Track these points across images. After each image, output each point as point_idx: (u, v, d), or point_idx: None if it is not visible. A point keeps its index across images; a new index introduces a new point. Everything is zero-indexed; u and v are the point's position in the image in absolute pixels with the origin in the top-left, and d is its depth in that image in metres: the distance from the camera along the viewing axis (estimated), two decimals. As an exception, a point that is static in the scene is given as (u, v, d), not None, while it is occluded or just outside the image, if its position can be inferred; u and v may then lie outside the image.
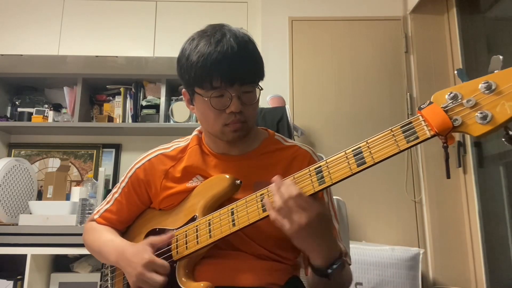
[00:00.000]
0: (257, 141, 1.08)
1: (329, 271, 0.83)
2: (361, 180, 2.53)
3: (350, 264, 1.03)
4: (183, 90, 1.04)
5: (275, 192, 0.81)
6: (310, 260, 0.85)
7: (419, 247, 2.41)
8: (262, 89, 0.99)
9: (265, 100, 2.47)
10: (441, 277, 2.37)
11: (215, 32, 0.95)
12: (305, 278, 1.19)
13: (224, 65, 0.91)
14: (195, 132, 1.12)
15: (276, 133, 1.13)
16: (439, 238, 2.42)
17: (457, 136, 2.42)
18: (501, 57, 0.69)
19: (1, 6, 2.74)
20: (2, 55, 2.68)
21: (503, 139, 0.69)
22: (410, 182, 2.56)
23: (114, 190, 1.13)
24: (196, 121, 2.80)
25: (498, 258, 2.23)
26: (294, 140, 1.22)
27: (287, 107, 2.35)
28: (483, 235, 2.29)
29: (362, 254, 2.22)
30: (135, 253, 0.94)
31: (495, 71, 0.70)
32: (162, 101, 2.87)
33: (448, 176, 0.78)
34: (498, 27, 2.42)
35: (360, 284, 2.17)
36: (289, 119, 2.29)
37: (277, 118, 2.28)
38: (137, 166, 1.10)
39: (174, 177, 1.05)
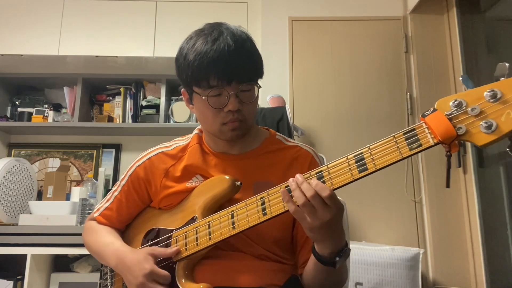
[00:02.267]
0: (257, 141, 1.07)
1: (337, 258, 0.84)
2: (361, 180, 2.51)
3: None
4: (182, 89, 1.04)
5: (297, 186, 0.79)
6: (317, 249, 0.85)
7: (419, 247, 2.41)
8: (260, 87, 0.99)
9: (265, 100, 2.47)
10: (441, 277, 2.37)
11: (213, 31, 0.94)
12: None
13: (221, 63, 0.91)
14: (195, 131, 1.12)
15: (277, 133, 1.12)
16: (439, 238, 2.42)
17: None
18: (507, 64, 0.67)
19: (1, 6, 2.74)
20: (2, 55, 2.68)
21: (507, 149, 0.67)
22: (410, 182, 2.56)
23: (114, 188, 1.13)
24: (196, 121, 2.80)
25: (498, 258, 2.23)
26: (294, 140, 1.22)
27: (287, 107, 2.35)
28: (483, 235, 2.29)
29: (362, 254, 2.22)
30: (136, 262, 0.94)
31: (501, 79, 0.68)
32: (162, 101, 2.87)
33: (448, 185, 0.77)
34: (498, 27, 2.42)
35: (360, 284, 2.17)
36: (289, 119, 2.29)
37: (277, 118, 2.28)
38: (137, 164, 1.09)
39: (174, 176, 1.05)
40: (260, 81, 1.00)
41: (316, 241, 0.85)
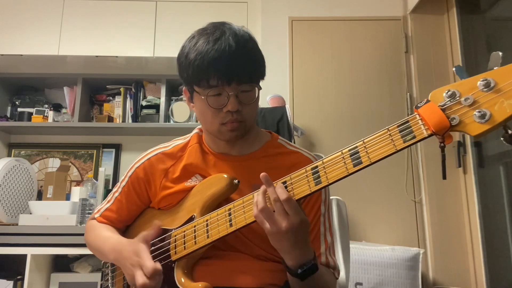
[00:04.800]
0: (258, 143, 1.07)
1: (299, 271, 0.84)
2: (361, 180, 2.56)
3: (337, 278, 1.03)
4: (184, 88, 1.04)
5: (260, 192, 0.83)
6: (284, 259, 0.87)
7: (419, 247, 2.41)
8: (261, 88, 0.98)
9: (265, 100, 2.47)
10: (441, 277, 2.37)
11: (215, 30, 0.94)
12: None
13: (221, 63, 0.90)
14: (195, 130, 1.12)
15: (280, 137, 1.11)
16: (439, 238, 2.42)
17: (457, 135, 2.42)
18: (500, 53, 0.67)
19: (1, 6, 2.74)
20: (2, 55, 2.68)
21: (502, 139, 0.67)
22: (410, 182, 2.56)
23: (114, 190, 1.13)
24: (196, 121, 2.81)
25: (498, 258, 2.23)
26: (294, 141, 1.22)
27: (287, 107, 2.36)
28: (483, 235, 2.29)
29: (362, 254, 2.22)
30: (132, 252, 0.93)
31: (495, 68, 0.67)
32: (162, 101, 2.87)
33: (444, 177, 0.76)
34: (498, 27, 2.42)
35: (360, 284, 2.17)
36: (289, 119, 2.29)
37: (277, 118, 2.28)
38: (137, 165, 1.10)
39: (174, 177, 1.05)
40: (260, 82, 0.99)
41: (278, 250, 0.86)
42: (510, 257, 2.11)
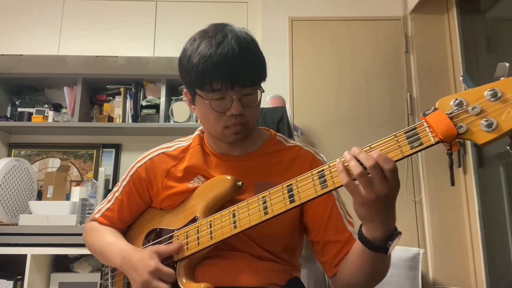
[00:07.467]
0: (258, 142, 1.08)
1: (390, 243, 0.81)
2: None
3: None
4: (185, 90, 1.04)
5: (352, 157, 0.75)
6: (366, 233, 0.82)
7: (419, 247, 2.41)
8: (263, 91, 0.98)
9: (265, 100, 2.47)
10: (441, 277, 2.37)
11: (217, 33, 0.94)
12: (306, 278, 1.19)
13: (225, 67, 0.90)
14: (197, 132, 1.12)
15: (278, 134, 1.12)
16: (439, 238, 2.42)
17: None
18: (507, 64, 0.68)
19: (1, 6, 2.74)
20: (2, 55, 2.67)
21: (508, 147, 0.68)
22: (410, 182, 2.56)
23: (115, 189, 1.13)
24: (196, 121, 2.81)
25: (498, 258, 2.23)
26: (294, 140, 1.22)
27: (287, 107, 2.36)
28: (483, 235, 2.29)
29: (362, 254, 2.21)
30: (140, 259, 0.94)
31: (501, 78, 0.69)
32: (162, 101, 2.87)
33: (453, 183, 0.76)
34: (498, 27, 2.42)
35: (360, 284, 2.17)
36: (289, 119, 2.29)
37: (277, 118, 2.29)
38: (138, 164, 1.10)
39: (176, 177, 1.05)
40: (262, 83, 0.99)
41: (364, 221, 0.81)
42: (510, 257, 2.11)
